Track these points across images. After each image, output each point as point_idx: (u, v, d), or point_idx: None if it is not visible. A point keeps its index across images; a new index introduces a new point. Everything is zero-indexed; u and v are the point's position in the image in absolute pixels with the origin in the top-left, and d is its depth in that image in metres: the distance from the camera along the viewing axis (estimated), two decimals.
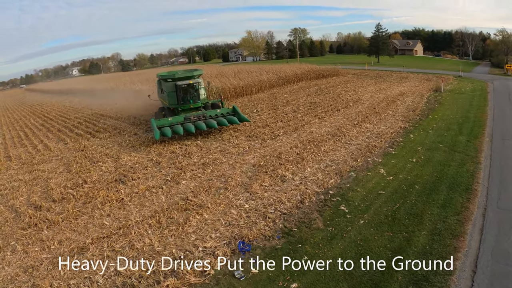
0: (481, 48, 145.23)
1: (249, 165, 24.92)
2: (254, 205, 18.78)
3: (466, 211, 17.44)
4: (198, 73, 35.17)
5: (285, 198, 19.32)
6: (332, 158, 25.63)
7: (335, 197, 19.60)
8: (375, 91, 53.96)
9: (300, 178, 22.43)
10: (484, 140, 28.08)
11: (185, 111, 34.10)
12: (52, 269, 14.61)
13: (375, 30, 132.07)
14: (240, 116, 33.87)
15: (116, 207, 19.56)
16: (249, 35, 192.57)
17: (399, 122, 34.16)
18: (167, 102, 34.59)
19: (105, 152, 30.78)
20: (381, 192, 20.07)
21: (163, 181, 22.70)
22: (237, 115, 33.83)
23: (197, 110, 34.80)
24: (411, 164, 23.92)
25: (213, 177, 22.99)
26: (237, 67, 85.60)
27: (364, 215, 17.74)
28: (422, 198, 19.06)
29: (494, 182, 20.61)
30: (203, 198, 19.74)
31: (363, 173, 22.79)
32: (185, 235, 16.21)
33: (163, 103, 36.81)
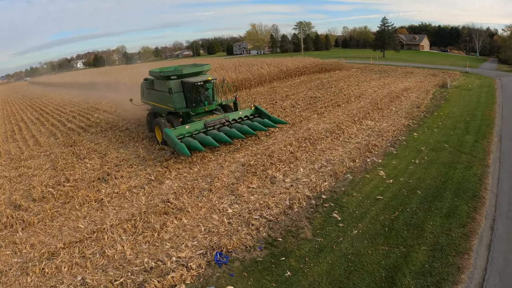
0: (488, 44, 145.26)
1: (238, 164, 23.36)
2: (238, 210, 17.28)
3: (473, 222, 15.58)
4: (207, 68, 29.79)
5: (272, 203, 17.68)
6: (328, 157, 23.86)
7: (327, 202, 17.93)
8: (378, 86, 52.36)
9: (291, 180, 20.77)
10: (493, 140, 26.28)
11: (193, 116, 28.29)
12: (20, 275, 13.65)
13: (381, 25, 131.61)
14: (271, 117, 29.97)
15: (94, 209, 18.42)
16: (253, 28, 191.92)
17: (403, 119, 32.32)
18: (172, 106, 27.59)
19: (94, 148, 29.69)
20: (379, 198, 18.30)
21: (146, 181, 21.46)
22: (266, 116, 29.85)
23: (210, 113, 29.01)
24: (413, 165, 22.13)
25: (199, 176, 21.62)
26: (239, 60, 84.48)
27: (358, 224, 15.99)
28: (424, 205, 17.23)
29: (503, 189, 18.71)
30: (185, 200, 18.39)
31: (360, 175, 21.04)
32: (160, 243, 14.95)
33: (160, 107, 29.61)
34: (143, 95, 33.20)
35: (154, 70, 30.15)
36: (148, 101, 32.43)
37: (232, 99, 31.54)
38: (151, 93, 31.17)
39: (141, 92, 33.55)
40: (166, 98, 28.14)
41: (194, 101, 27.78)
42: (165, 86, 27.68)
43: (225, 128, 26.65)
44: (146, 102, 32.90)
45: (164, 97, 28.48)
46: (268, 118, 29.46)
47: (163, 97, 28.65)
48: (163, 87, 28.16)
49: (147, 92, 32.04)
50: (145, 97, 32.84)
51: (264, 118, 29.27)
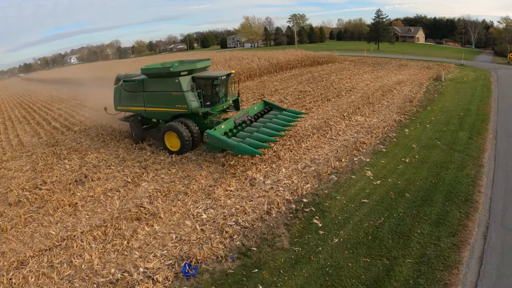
0: (484, 36, 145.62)
1: (218, 165, 22.16)
2: (213, 215, 16.20)
3: (464, 230, 14.25)
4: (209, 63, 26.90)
5: (249, 207, 16.58)
6: (312, 157, 22.54)
7: (308, 206, 16.68)
8: (371, 79, 51.24)
9: (272, 182, 19.48)
10: (488, 137, 25.00)
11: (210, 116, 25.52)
12: None
13: (376, 17, 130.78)
14: (287, 110, 28.48)
15: (67, 213, 17.52)
16: (247, 21, 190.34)
17: (394, 115, 31.06)
18: (185, 107, 24.13)
19: (75, 148, 28.58)
20: (364, 201, 17.01)
21: (123, 183, 20.50)
22: (278, 109, 28.40)
23: (224, 112, 26.52)
24: (403, 165, 20.86)
25: (177, 178, 20.54)
26: (230, 54, 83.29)
27: (340, 232, 14.72)
28: (412, 210, 15.92)
29: (498, 192, 17.36)
30: (159, 204, 17.39)
31: (346, 176, 19.71)
32: (129, 251, 14.01)
33: (158, 111, 25.89)
34: (121, 101, 27.73)
35: (150, 67, 26.39)
36: (131, 107, 27.36)
37: (234, 95, 28.01)
38: (138, 97, 26.16)
39: (117, 97, 27.95)
40: (173, 98, 24.27)
41: (213, 99, 25.03)
42: (172, 84, 23.99)
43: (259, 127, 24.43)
44: (127, 109, 27.94)
45: (169, 98, 24.45)
46: (282, 110, 28.18)
47: (167, 98, 24.54)
48: (168, 86, 24.24)
49: (128, 96, 26.86)
50: (125, 103, 27.47)
51: (276, 111, 27.88)
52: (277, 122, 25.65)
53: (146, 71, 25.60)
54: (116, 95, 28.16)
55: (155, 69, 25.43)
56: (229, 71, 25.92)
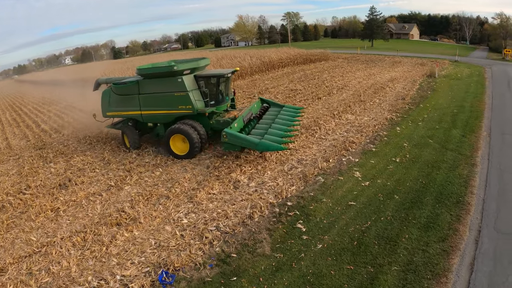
0: (478, 33, 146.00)
1: (203, 167, 21.55)
2: (194, 220, 15.50)
3: (454, 235, 13.47)
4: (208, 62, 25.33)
5: (231, 212, 15.89)
6: (300, 157, 21.78)
7: (293, 210, 15.92)
8: (363, 77, 50.60)
9: (256, 184, 18.75)
10: (481, 134, 24.30)
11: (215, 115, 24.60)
12: None
13: (369, 14, 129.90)
14: (286, 106, 28.00)
15: (49, 219, 16.99)
16: (240, 19, 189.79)
17: (386, 113, 30.29)
18: (189, 107, 22.88)
19: (62, 151, 27.95)
20: (351, 204, 16.24)
21: (106, 187, 19.94)
22: (276, 106, 27.78)
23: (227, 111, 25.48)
24: (393, 164, 20.13)
25: (160, 181, 19.91)
26: (223, 53, 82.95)
27: (324, 237, 13.97)
28: (401, 213, 15.14)
29: (491, 193, 16.57)
30: (140, 209, 16.77)
31: (333, 178, 18.95)
32: (107, 258, 13.48)
33: (158, 114, 24.20)
34: (111, 106, 25.67)
35: (148, 67, 24.49)
36: (123, 112, 25.47)
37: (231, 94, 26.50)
38: (132, 100, 24.39)
39: (106, 102, 25.87)
40: (176, 99, 22.90)
41: (217, 98, 24.05)
42: (174, 84, 22.60)
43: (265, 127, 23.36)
44: (118, 114, 26.00)
45: (171, 99, 23.02)
46: (282, 107, 27.47)
47: (169, 99, 23.09)
48: (169, 86, 22.83)
49: (120, 100, 24.99)
50: (116, 107, 25.47)
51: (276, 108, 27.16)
52: (284, 119, 25.02)
53: (144, 71, 23.62)
54: (104, 100, 25.96)
55: (155, 69, 23.56)
56: (233, 68, 25.39)
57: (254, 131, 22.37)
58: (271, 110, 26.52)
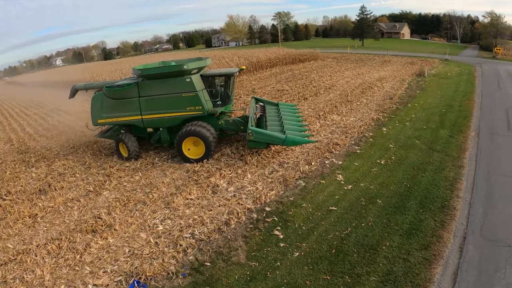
0: (469, 31, 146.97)
1: (183, 171, 20.95)
2: (169, 227, 15.00)
3: (438, 242, 12.77)
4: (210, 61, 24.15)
5: (208, 218, 15.32)
6: (281, 160, 21.10)
7: (271, 216, 15.25)
8: (352, 76, 50.16)
9: (235, 189, 18.08)
10: (470, 135, 23.70)
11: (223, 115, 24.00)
12: None
13: (360, 13, 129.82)
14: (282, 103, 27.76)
15: (26, 225, 16.55)
16: (231, 19, 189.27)
17: (372, 113, 29.67)
18: (199, 109, 22.00)
19: (44, 155, 27.35)
20: (332, 209, 15.53)
21: (84, 192, 19.44)
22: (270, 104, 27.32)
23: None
24: (378, 167, 19.46)
25: (138, 186, 19.37)
26: (212, 53, 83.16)
27: (302, 244, 13.32)
28: (383, 219, 14.44)
29: (478, 196, 15.88)
30: (117, 215, 16.29)
31: (314, 181, 18.24)
32: (81, 266, 13.09)
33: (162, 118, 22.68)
34: (103, 112, 23.35)
35: (151, 66, 23.49)
36: (120, 118, 23.28)
37: None
38: (130, 104, 22.60)
39: (98, 108, 23.48)
40: (184, 100, 21.82)
41: (224, 97, 23.18)
42: (182, 84, 21.55)
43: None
44: (113, 121, 23.72)
45: (179, 100, 21.88)
46: (276, 104, 26.97)
47: (176, 100, 21.92)
48: (176, 87, 21.70)
49: (115, 105, 22.96)
50: (110, 113, 23.27)
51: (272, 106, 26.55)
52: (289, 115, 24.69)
53: (147, 72, 22.01)
54: (95, 106, 23.40)
55: (161, 69, 22.31)
56: (240, 67, 24.67)
57: (270, 128, 21.78)
58: (269, 108, 25.87)
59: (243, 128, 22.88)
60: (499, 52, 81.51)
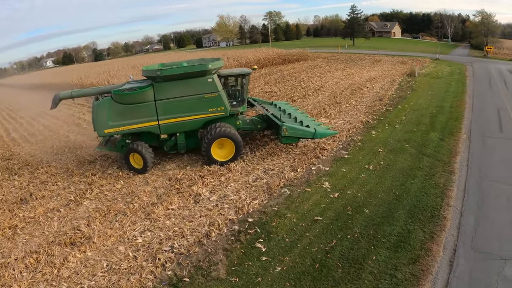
0: (460, 30, 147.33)
1: (165, 178, 20.23)
2: (149, 239, 14.39)
3: (427, 256, 12.14)
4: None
5: (188, 230, 14.69)
6: (266, 167, 20.38)
7: (253, 227, 14.62)
8: (342, 77, 49.52)
9: (218, 198, 17.35)
10: (461, 137, 23.18)
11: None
12: None
13: (350, 12, 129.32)
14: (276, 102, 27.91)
15: (6, 237, 15.98)
16: (221, 19, 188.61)
17: (361, 115, 29.06)
18: (222, 109, 21.36)
19: (28, 162, 26.42)
20: (317, 219, 14.89)
21: (65, 202, 18.68)
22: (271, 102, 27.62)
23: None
24: (366, 173, 18.82)
25: (120, 195, 18.66)
26: (201, 54, 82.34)
27: (285, 258, 12.71)
28: (369, 230, 13.82)
29: (470, 205, 15.24)
30: (96, 227, 15.66)
31: (300, 189, 17.57)
32: (58, 282, 12.54)
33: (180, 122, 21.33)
34: (112, 120, 20.73)
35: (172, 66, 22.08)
36: (131, 126, 21.05)
37: None
38: (144, 109, 20.79)
39: (105, 116, 20.75)
40: (206, 101, 20.99)
41: (241, 97, 22.68)
42: (203, 85, 20.70)
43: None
44: (124, 130, 21.16)
45: (200, 102, 20.96)
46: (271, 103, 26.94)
47: (197, 102, 20.94)
48: (197, 88, 20.72)
49: (127, 111, 20.75)
50: (121, 121, 20.84)
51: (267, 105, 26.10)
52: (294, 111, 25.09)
53: (169, 72, 20.30)
54: (100, 114, 20.70)
55: (184, 69, 20.91)
56: (252, 67, 24.39)
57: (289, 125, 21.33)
58: (268, 107, 25.57)
59: (260, 127, 23.32)
60: (490, 50, 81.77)
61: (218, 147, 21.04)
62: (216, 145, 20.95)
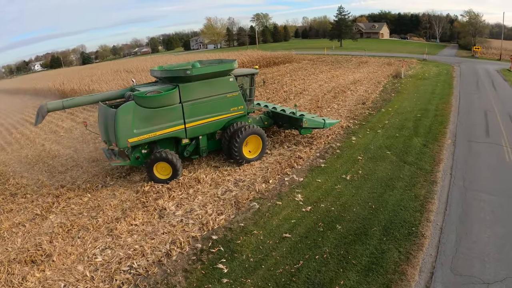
0: (448, 30, 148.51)
1: (133, 191, 18.94)
2: (108, 258, 13.40)
3: (400, 280, 10.97)
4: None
5: (149, 248, 13.67)
6: (238, 177, 19.18)
7: (217, 245, 13.56)
8: (326, 79, 48.41)
9: (184, 213, 16.15)
10: (445, 142, 22.13)
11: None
12: None
13: (337, 14, 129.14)
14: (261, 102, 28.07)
15: None
16: (209, 22, 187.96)
17: (343, 120, 27.97)
18: (241, 109, 21.16)
19: (2, 172, 25.31)
20: (285, 236, 13.78)
21: (32, 216, 17.68)
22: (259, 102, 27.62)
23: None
24: (342, 183, 17.65)
25: (85, 209, 17.52)
26: (186, 57, 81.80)
27: (247, 280, 11.67)
28: (340, 250, 12.66)
29: (451, 220, 14.05)
30: (58, 244, 14.67)
31: (270, 202, 16.40)
32: None
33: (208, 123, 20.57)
34: (136, 127, 18.47)
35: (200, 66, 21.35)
36: (158, 132, 19.13)
37: None
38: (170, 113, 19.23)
39: (128, 123, 18.26)
40: (228, 101, 20.63)
41: (251, 96, 22.57)
42: (225, 84, 20.29)
43: None
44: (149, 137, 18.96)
45: (224, 102, 20.52)
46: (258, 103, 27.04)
47: (221, 102, 20.43)
48: (220, 88, 20.18)
49: (153, 116, 18.83)
50: (147, 127, 18.80)
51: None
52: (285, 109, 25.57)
53: (198, 72, 19.24)
54: (124, 121, 18.12)
55: (212, 68, 20.21)
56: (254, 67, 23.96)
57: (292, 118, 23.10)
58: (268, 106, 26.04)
59: (267, 124, 23.86)
60: (478, 51, 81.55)
61: (244, 145, 20.85)
62: (243, 144, 20.81)
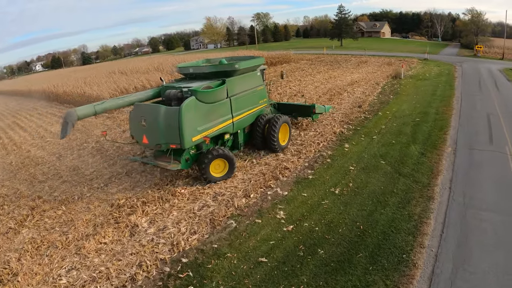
0: (450, 29, 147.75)
1: (107, 205, 17.50)
2: (73, 280, 12.18)
3: None
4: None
5: (114, 271, 12.40)
6: (218, 191, 17.61)
7: (186, 269, 12.21)
8: (323, 80, 46.82)
9: (156, 230, 14.77)
10: (445, 151, 20.57)
11: None
12: None
13: (338, 13, 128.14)
14: None
15: None
16: (208, 21, 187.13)
17: (336, 125, 26.38)
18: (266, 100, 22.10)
19: None
20: (261, 261, 12.37)
21: (5, 229, 16.59)
22: None
23: None
24: (330, 198, 16.15)
25: (58, 224, 16.28)
26: (184, 57, 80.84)
27: None
28: (319, 281, 11.15)
29: (448, 244, 12.45)
30: (26, 262, 13.55)
31: (249, 220, 14.93)
32: None
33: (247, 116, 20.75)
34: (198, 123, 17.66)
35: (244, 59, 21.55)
36: (215, 128, 18.53)
37: None
38: (220, 108, 18.90)
39: (192, 120, 17.21)
40: (257, 94, 21.48)
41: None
42: (255, 78, 21.20)
43: None
44: (208, 134, 18.06)
45: (255, 95, 21.27)
46: None
47: (254, 95, 21.13)
48: (252, 82, 20.93)
49: (211, 112, 18.33)
50: (208, 123, 18.13)
51: None
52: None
53: (243, 65, 19.25)
54: (188, 119, 16.93)
55: (251, 62, 20.33)
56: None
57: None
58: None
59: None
60: (480, 50, 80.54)
61: (277, 132, 21.39)
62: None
